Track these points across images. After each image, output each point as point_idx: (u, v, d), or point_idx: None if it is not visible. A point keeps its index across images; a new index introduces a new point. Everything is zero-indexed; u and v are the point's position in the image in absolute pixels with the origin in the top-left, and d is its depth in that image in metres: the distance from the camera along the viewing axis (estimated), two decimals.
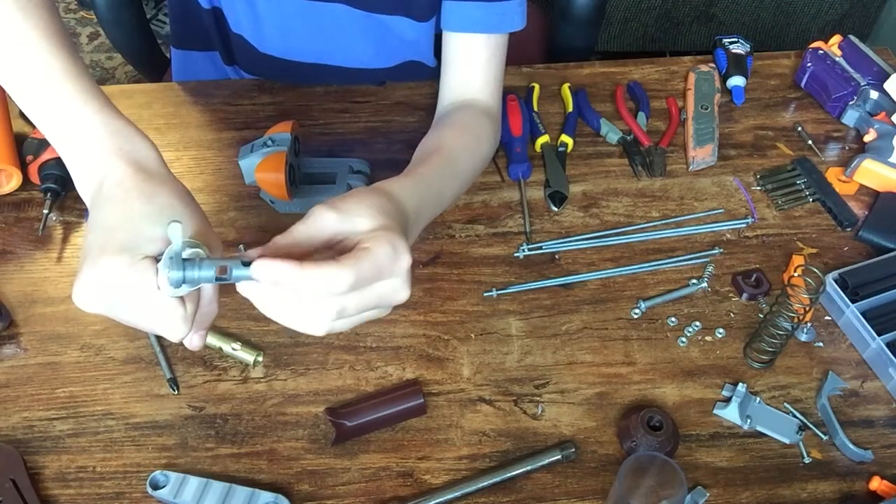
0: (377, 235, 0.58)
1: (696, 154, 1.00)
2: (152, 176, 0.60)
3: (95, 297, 0.56)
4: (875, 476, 0.75)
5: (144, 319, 0.57)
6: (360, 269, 0.55)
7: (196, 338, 0.62)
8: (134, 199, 0.58)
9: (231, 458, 0.76)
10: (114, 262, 0.55)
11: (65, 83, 0.61)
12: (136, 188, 0.59)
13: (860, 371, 0.83)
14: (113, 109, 0.62)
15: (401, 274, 0.58)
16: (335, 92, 1.06)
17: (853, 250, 0.93)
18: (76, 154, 0.61)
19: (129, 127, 0.62)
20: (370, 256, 0.56)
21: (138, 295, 0.56)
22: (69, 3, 2.51)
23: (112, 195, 0.59)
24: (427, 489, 0.74)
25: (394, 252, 0.57)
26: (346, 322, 0.58)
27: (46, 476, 0.75)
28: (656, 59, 1.13)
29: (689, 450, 0.77)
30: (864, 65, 1.04)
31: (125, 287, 0.55)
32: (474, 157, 0.87)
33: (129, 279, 0.55)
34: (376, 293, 0.57)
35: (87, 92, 0.62)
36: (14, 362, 0.82)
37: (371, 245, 0.57)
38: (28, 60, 0.62)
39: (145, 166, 0.60)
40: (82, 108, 0.61)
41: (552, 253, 0.91)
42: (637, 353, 0.84)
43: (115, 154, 0.60)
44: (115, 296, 0.56)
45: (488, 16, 0.87)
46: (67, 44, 0.64)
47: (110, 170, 0.59)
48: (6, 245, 0.91)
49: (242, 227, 0.92)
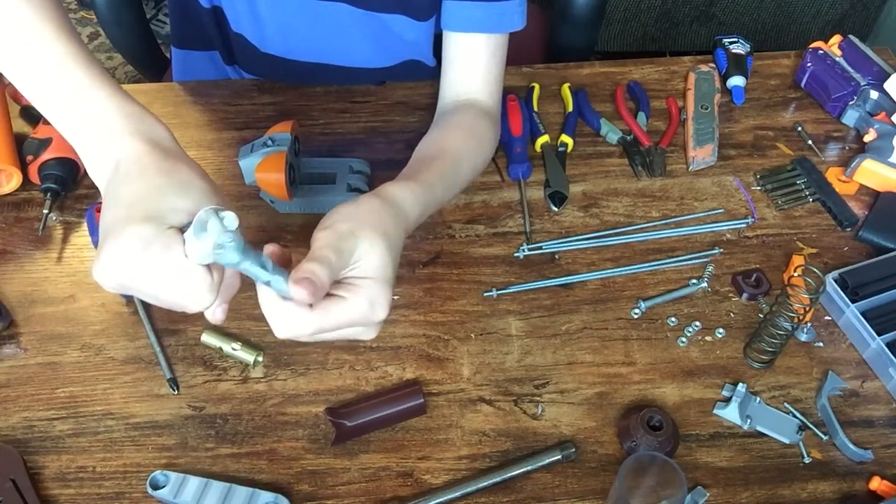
0: (359, 287, 0.62)
1: (696, 154, 1.00)
2: (169, 153, 0.60)
3: (119, 269, 0.55)
4: (875, 476, 0.75)
5: (168, 290, 0.57)
6: (326, 319, 0.60)
7: (219, 310, 0.63)
8: (153, 174, 0.58)
9: (231, 458, 0.76)
10: (139, 231, 0.55)
11: (76, 70, 0.62)
12: (154, 164, 0.59)
13: (860, 371, 0.83)
14: (125, 94, 0.63)
15: (371, 324, 0.63)
16: (335, 92, 1.06)
17: (853, 250, 0.93)
18: (90, 138, 0.61)
19: (142, 110, 0.62)
20: (342, 310, 0.61)
21: (164, 264, 0.55)
22: (69, 3, 2.51)
23: (130, 172, 0.59)
24: (427, 489, 0.74)
25: (370, 308, 0.61)
26: (318, 338, 0.63)
27: (46, 476, 0.75)
28: (656, 59, 1.13)
29: (689, 450, 0.77)
30: (864, 65, 1.04)
31: (151, 256, 0.55)
32: (476, 160, 0.88)
33: (154, 248, 0.55)
34: (345, 332, 0.63)
35: (99, 78, 0.62)
36: (14, 362, 0.82)
37: (349, 297, 0.61)
38: (38, 50, 0.62)
39: (162, 144, 0.61)
40: (96, 93, 0.61)
41: (552, 253, 0.91)
42: (637, 353, 0.84)
43: (130, 134, 0.60)
44: (140, 266, 0.55)
45: (488, 16, 0.87)
46: (75, 34, 0.64)
47: (127, 149, 0.60)
48: (6, 245, 0.91)
49: (242, 226, 0.92)
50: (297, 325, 0.60)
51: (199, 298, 0.57)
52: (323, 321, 0.60)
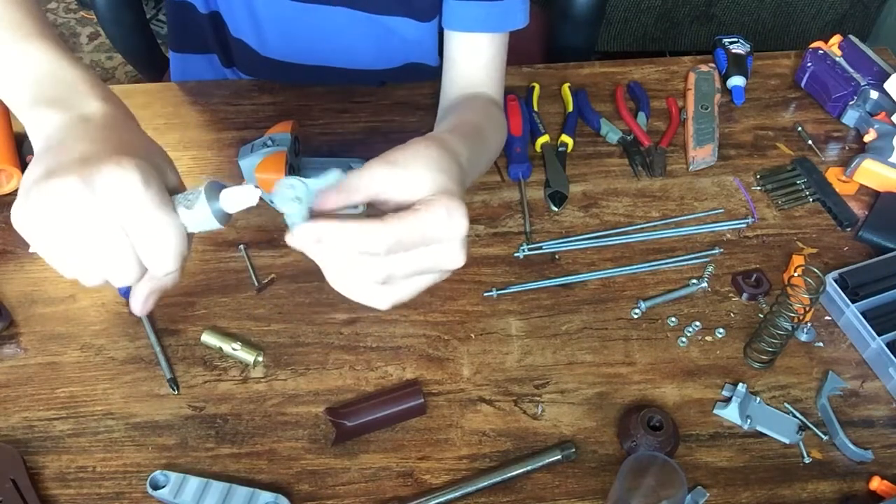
0: (432, 199, 0.55)
1: (696, 154, 1.00)
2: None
3: (72, 200, 0.49)
4: (875, 476, 0.75)
5: (139, 240, 0.51)
6: (402, 229, 0.52)
7: (151, 299, 0.59)
8: (135, 127, 0.58)
9: (231, 458, 0.76)
10: (140, 164, 0.51)
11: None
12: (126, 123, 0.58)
13: (860, 371, 0.83)
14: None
15: (454, 238, 0.55)
16: (335, 92, 1.06)
17: (853, 250, 0.93)
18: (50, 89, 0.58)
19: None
20: (418, 218, 0.53)
21: (153, 208, 0.51)
22: (69, 3, 2.51)
23: (105, 124, 0.56)
24: (427, 489, 0.74)
25: (448, 216, 0.54)
26: (400, 288, 0.56)
27: (46, 476, 0.75)
28: (656, 59, 1.13)
29: (689, 450, 0.77)
30: (864, 65, 1.04)
31: (147, 194, 0.50)
32: (496, 133, 0.86)
33: (153, 187, 0.51)
34: (426, 257, 0.54)
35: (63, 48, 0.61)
36: (14, 362, 0.82)
37: (423, 208, 0.54)
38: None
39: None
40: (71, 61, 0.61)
41: (552, 253, 0.91)
42: (637, 353, 0.84)
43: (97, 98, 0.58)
44: (109, 204, 0.50)
45: (491, 14, 0.87)
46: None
47: (95, 107, 0.58)
48: (6, 245, 0.91)
49: (242, 226, 0.92)
50: (369, 237, 0.51)
51: (164, 261, 0.52)
52: (398, 230, 0.52)
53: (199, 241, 0.91)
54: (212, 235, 0.91)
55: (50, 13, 2.49)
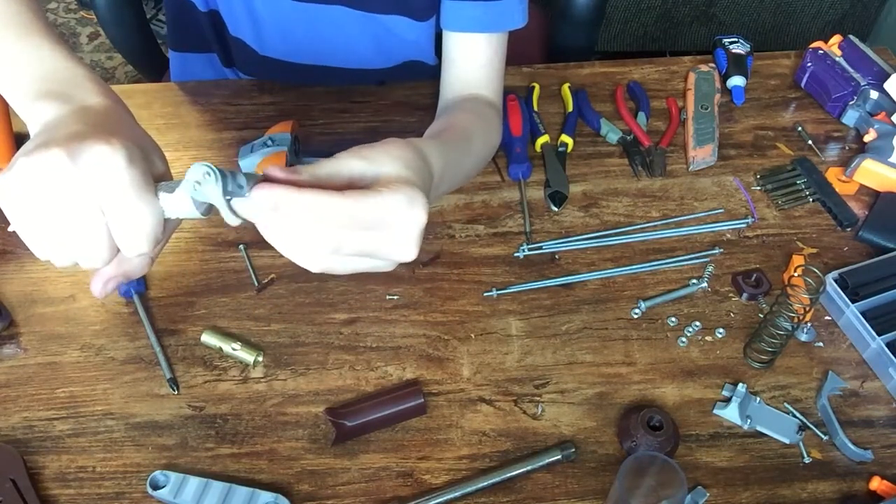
0: (397, 185, 0.55)
1: (696, 154, 1.00)
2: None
3: (54, 172, 0.50)
4: (875, 476, 0.75)
5: (114, 220, 0.52)
6: (361, 205, 0.52)
7: (112, 284, 0.59)
8: (130, 120, 0.60)
9: (231, 458, 0.76)
10: (126, 144, 0.52)
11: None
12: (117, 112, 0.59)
13: (860, 371, 0.83)
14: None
15: (410, 228, 0.55)
16: (335, 92, 1.06)
17: (853, 250, 0.93)
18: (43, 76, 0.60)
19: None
20: (378, 198, 0.53)
21: (133, 189, 0.51)
22: (69, 3, 2.51)
23: (102, 113, 0.58)
24: (427, 489, 0.74)
25: (408, 204, 0.54)
26: (341, 261, 0.55)
27: (46, 476, 0.75)
28: (656, 59, 1.13)
29: (689, 450, 0.77)
30: (864, 65, 1.04)
31: (130, 174, 0.51)
32: (486, 138, 0.86)
33: (137, 167, 0.52)
34: (377, 239, 0.54)
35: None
36: (14, 362, 0.82)
37: (385, 190, 0.54)
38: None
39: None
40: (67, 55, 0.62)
41: (552, 253, 0.91)
42: (637, 353, 0.84)
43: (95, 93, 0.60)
44: (91, 180, 0.50)
45: (488, 14, 0.87)
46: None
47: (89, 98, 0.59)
48: (6, 245, 0.91)
49: (242, 226, 0.92)
50: (326, 208, 0.51)
51: (136, 241, 0.53)
52: (356, 206, 0.52)
53: (200, 241, 0.91)
54: (212, 235, 0.91)
55: (50, 13, 2.50)
